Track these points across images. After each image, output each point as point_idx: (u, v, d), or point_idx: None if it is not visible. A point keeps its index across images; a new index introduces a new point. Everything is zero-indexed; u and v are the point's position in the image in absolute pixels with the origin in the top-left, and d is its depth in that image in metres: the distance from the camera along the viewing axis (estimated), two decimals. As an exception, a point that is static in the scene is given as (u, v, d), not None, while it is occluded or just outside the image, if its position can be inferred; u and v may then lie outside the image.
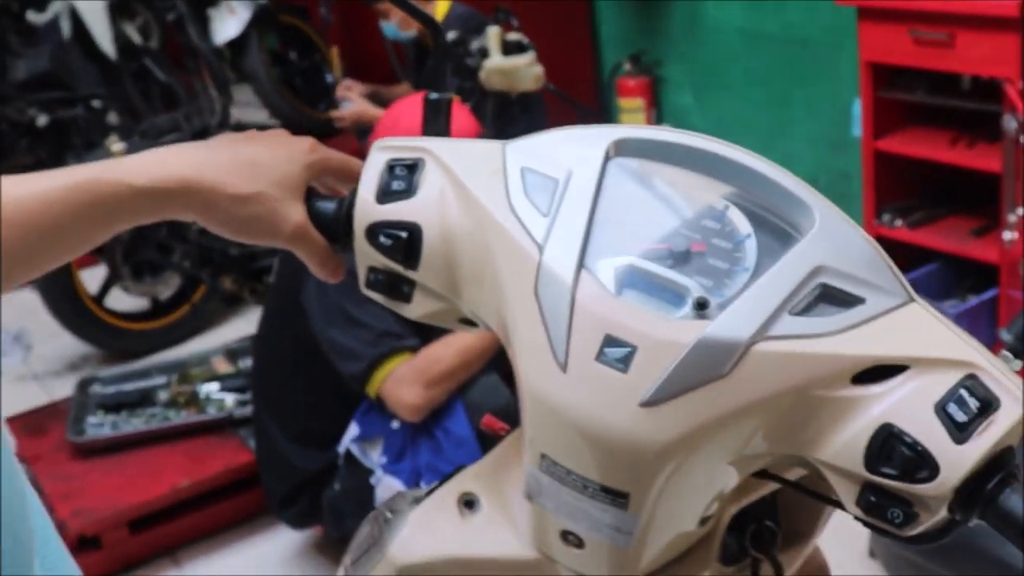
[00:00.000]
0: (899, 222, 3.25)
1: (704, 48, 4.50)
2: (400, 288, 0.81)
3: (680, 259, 0.71)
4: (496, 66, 3.07)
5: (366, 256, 0.81)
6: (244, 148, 0.80)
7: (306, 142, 0.83)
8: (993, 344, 2.44)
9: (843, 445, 0.67)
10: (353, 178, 0.83)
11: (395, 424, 2.31)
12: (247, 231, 0.80)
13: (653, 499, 0.70)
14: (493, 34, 3.11)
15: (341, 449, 2.39)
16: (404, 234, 0.78)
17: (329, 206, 0.83)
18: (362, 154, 0.84)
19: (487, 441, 0.89)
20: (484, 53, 3.10)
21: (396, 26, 3.77)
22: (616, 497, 0.70)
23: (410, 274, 0.80)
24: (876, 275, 0.69)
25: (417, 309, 0.82)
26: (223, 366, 3.33)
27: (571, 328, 0.69)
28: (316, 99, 5.36)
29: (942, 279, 3.25)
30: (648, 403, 0.67)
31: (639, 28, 4.80)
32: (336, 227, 0.83)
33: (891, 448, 0.65)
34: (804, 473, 0.75)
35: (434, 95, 0.87)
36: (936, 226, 3.24)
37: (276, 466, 2.52)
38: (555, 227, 0.72)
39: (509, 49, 3.12)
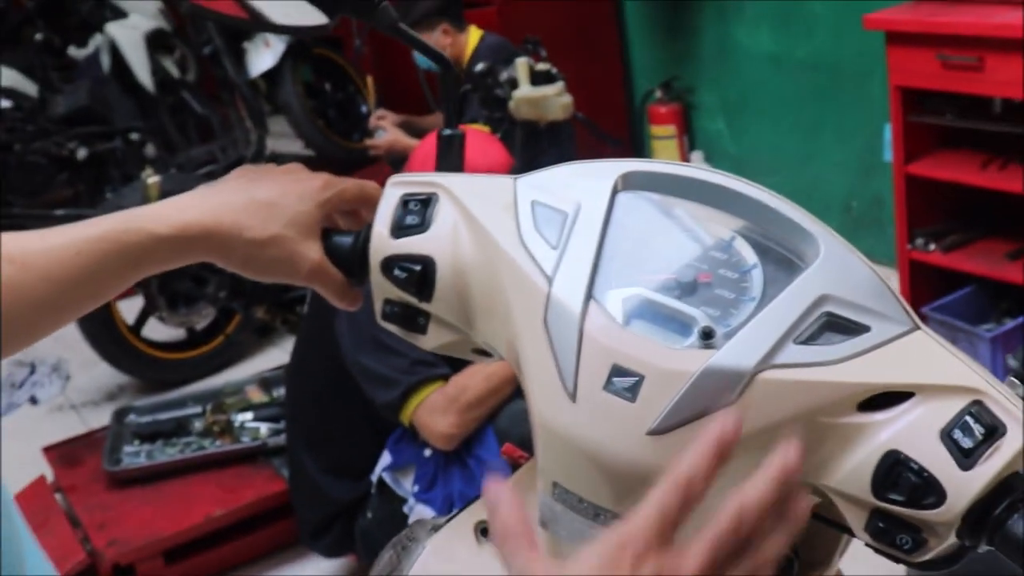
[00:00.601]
0: (932, 246, 3.23)
1: (735, 75, 4.50)
2: (415, 320, 0.83)
3: (687, 289, 0.72)
4: (525, 96, 3.09)
5: (382, 289, 0.83)
6: (260, 189, 0.82)
7: (319, 179, 0.84)
8: None
9: (850, 472, 0.68)
10: (372, 204, 0.84)
11: (427, 452, 2.31)
12: (266, 272, 0.83)
13: (663, 527, 0.71)
14: (522, 64, 3.14)
15: (374, 478, 2.40)
16: (418, 267, 0.80)
17: (345, 241, 0.85)
18: None
19: (514, 469, 0.90)
20: (513, 83, 3.13)
21: (428, 57, 3.81)
22: None
23: (424, 306, 0.81)
24: (881, 303, 0.70)
25: (432, 340, 0.83)
26: (257, 395, 3.35)
27: (579, 358, 0.70)
28: (350, 129, 5.41)
29: (977, 303, 3.22)
30: (655, 431, 0.67)
31: (670, 55, 4.81)
32: (352, 261, 0.85)
33: (898, 474, 0.66)
34: (817, 501, 0.76)
35: (447, 131, 0.89)
36: (970, 250, 3.22)
37: (309, 495, 2.53)
38: (564, 259, 0.73)
39: (538, 79, 3.14)
